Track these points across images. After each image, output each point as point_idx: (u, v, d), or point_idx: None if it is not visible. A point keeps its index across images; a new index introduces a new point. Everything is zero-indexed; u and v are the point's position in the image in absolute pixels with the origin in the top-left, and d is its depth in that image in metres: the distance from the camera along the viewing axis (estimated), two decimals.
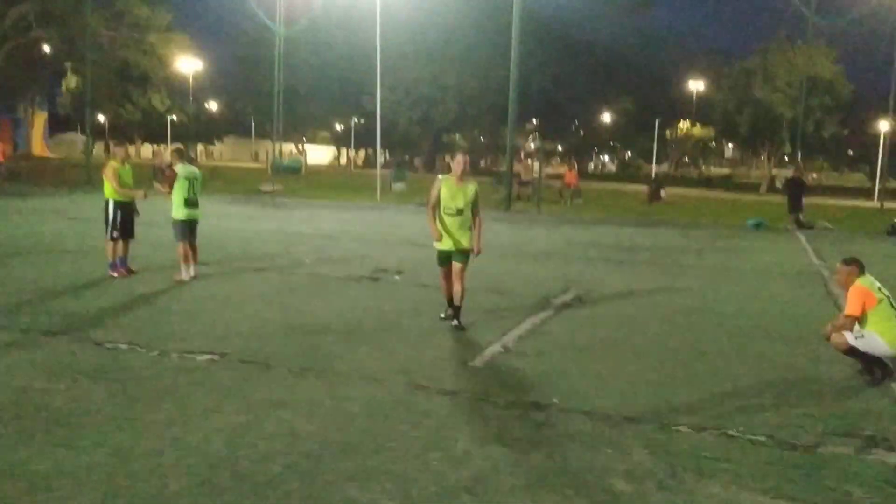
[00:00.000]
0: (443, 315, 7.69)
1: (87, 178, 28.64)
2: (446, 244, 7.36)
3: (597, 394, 5.54)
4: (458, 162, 7.42)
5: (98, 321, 7.27)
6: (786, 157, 45.65)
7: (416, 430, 4.63)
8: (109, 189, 9.90)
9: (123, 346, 6.31)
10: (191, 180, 9.71)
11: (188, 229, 9.70)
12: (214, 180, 32.12)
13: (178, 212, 9.67)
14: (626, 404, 5.30)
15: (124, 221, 9.92)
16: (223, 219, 17.59)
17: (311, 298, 8.72)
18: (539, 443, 4.54)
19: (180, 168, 9.73)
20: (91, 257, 10.73)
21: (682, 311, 8.83)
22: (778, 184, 43.80)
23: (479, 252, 7.41)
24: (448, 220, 7.31)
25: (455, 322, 7.36)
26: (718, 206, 30.31)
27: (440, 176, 7.58)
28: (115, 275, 9.65)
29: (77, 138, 77.68)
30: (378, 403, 5.11)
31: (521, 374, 6.00)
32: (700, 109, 61.68)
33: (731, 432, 4.82)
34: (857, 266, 6.18)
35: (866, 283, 6.09)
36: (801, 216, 20.74)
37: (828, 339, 6.20)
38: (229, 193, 27.13)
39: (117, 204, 9.89)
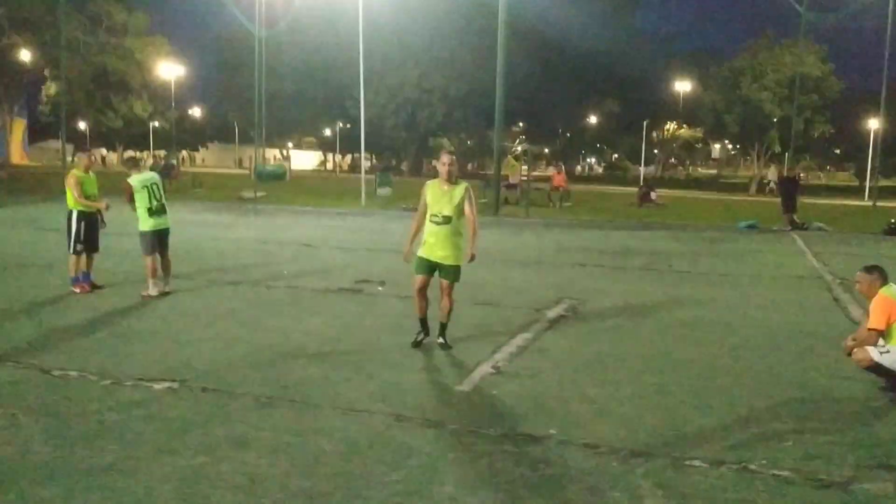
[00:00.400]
0: (415, 340, 6.77)
1: (62, 187, 27.88)
2: (430, 252, 6.50)
3: (598, 421, 4.98)
4: (444, 162, 6.51)
5: (50, 344, 6.64)
6: (766, 158, 45.34)
7: (396, 473, 4.05)
8: (72, 199, 9.28)
9: (74, 374, 5.70)
10: (149, 187, 9.08)
11: (157, 241, 9.08)
12: (195, 188, 31.49)
13: (144, 223, 9.04)
14: (632, 433, 4.74)
15: (88, 233, 9.30)
16: (200, 227, 16.96)
17: (286, 315, 8.12)
18: (536, 486, 3.96)
19: (135, 179, 9.09)
20: (57, 270, 10.10)
21: (683, 323, 8.29)
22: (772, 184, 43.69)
23: (472, 258, 6.51)
24: (434, 229, 6.41)
25: (440, 340, 6.76)
26: (709, 208, 29.89)
27: (429, 182, 6.74)
28: (78, 290, 9.03)
29: (59, 146, 76.79)
30: (353, 440, 4.52)
31: (514, 399, 5.43)
32: (687, 110, 61.47)
33: (751, 466, 4.27)
34: (880, 274, 5.66)
35: (891, 294, 5.56)
36: (794, 216, 20.30)
37: (849, 354, 5.68)
38: (209, 201, 26.47)
39: (81, 215, 9.27)
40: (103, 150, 69.91)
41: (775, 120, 39.39)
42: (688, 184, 61.31)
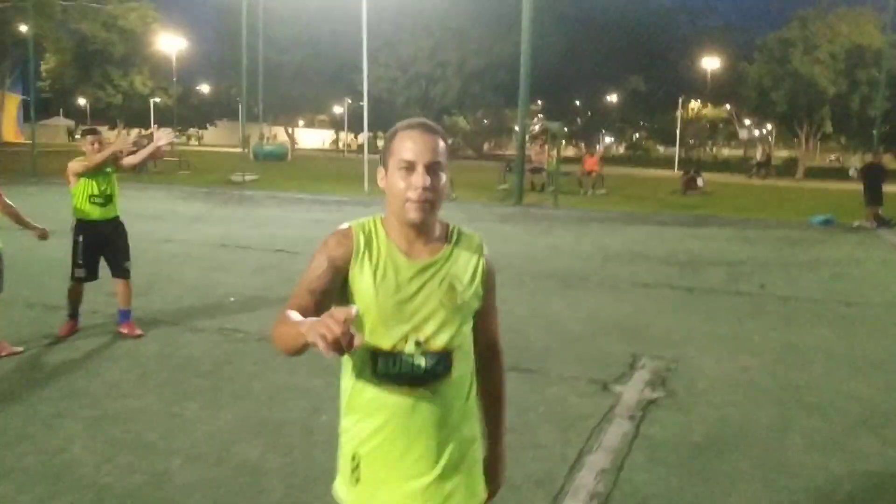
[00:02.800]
0: None
1: (32, 168, 24.89)
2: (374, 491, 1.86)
3: None
4: (411, 165, 1.79)
5: None
6: (816, 139, 41.18)
7: None
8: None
9: None
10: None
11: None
12: (182, 170, 28.35)
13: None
14: None
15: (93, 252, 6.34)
16: (157, 221, 13.77)
17: (180, 406, 4.89)
18: None
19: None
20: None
21: (844, 412, 5.00)
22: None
23: (493, 495, 2.05)
24: (389, 400, 1.82)
25: None
26: (761, 196, 26.19)
27: (340, 231, 1.86)
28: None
29: (61, 123, 73.61)
30: None
31: None
32: (717, 87, 57.42)
33: None
34: None
35: None
36: (880, 211, 16.83)
37: None
38: (194, 185, 23.28)
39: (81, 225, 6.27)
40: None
41: (829, 97, 35.35)
42: (716, 166, 57.37)
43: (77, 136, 69.97)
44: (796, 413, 5.02)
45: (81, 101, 66.41)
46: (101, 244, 6.17)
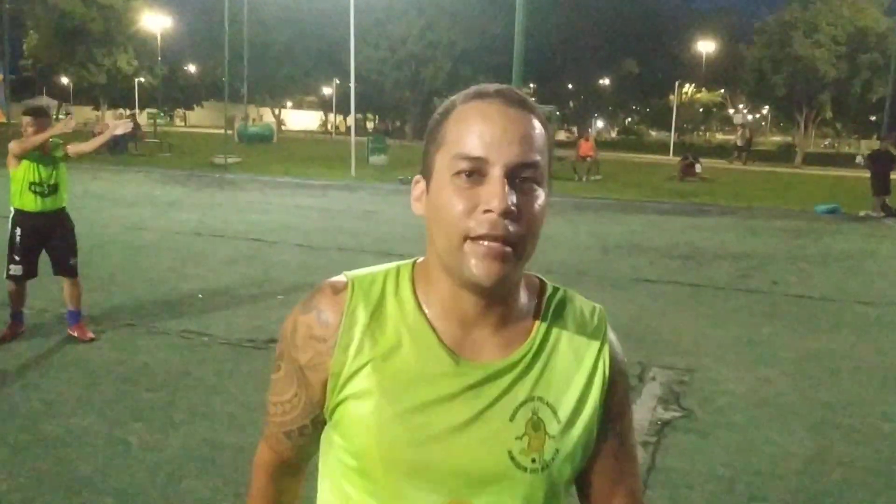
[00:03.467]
0: None
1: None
2: None
3: None
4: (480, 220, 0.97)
5: None
6: (814, 125, 40.38)
7: None
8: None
9: None
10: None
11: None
12: (163, 152, 27.49)
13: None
14: None
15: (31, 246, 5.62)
16: (131, 207, 13.04)
17: (124, 429, 4.22)
18: None
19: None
20: None
21: (884, 436, 4.40)
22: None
23: None
24: None
25: None
26: (760, 183, 25.48)
27: (332, 283, 1.07)
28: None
29: (45, 103, 72.23)
30: None
31: None
32: (712, 72, 56.80)
33: None
34: None
35: None
36: (887, 200, 16.25)
37: None
38: (175, 168, 22.46)
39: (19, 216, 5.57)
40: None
41: (829, 81, 34.57)
42: (712, 152, 56.69)
43: (58, 116, 68.49)
44: (833, 438, 4.41)
45: (65, 81, 65.00)
46: (41, 239, 5.47)
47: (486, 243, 0.92)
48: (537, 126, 0.96)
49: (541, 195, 0.96)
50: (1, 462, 3.76)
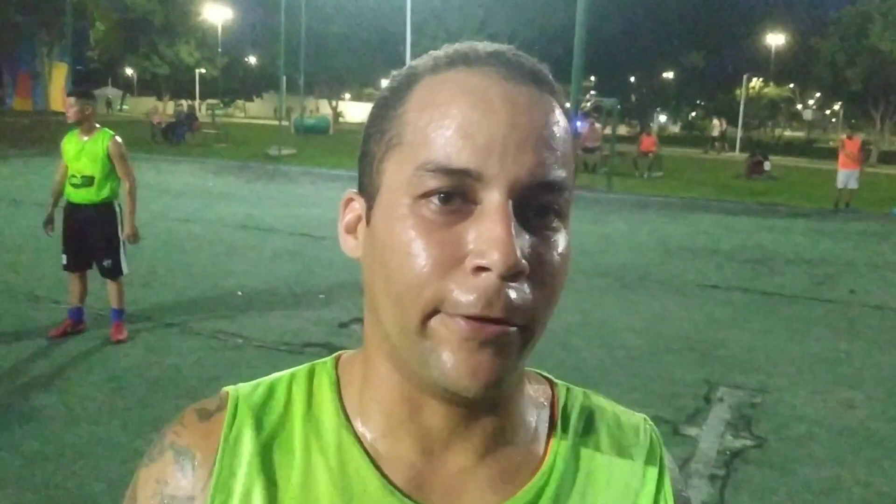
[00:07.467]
0: None
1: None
2: None
3: None
4: None
5: None
6: (891, 122, 38.19)
7: None
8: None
9: None
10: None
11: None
12: (219, 143, 27.66)
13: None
14: None
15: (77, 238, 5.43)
16: (180, 198, 12.95)
17: (145, 440, 3.87)
18: None
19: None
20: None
21: None
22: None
23: None
24: None
25: None
26: (833, 183, 24.26)
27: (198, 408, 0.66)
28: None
29: (110, 93, 73.87)
30: None
31: None
32: (780, 65, 54.76)
33: None
34: None
35: None
36: None
37: None
38: (230, 158, 22.51)
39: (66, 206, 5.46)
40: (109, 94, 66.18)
41: None
42: (779, 148, 54.71)
43: (120, 108, 70.01)
44: None
45: (129, 72, 66.53)
46: (78, 231, 5.25)
47: (473, 322, 0.51)
48: (560, 118, 0.56)
49: (563, 237, 0.55)
50: (13, 474, 3.52)
